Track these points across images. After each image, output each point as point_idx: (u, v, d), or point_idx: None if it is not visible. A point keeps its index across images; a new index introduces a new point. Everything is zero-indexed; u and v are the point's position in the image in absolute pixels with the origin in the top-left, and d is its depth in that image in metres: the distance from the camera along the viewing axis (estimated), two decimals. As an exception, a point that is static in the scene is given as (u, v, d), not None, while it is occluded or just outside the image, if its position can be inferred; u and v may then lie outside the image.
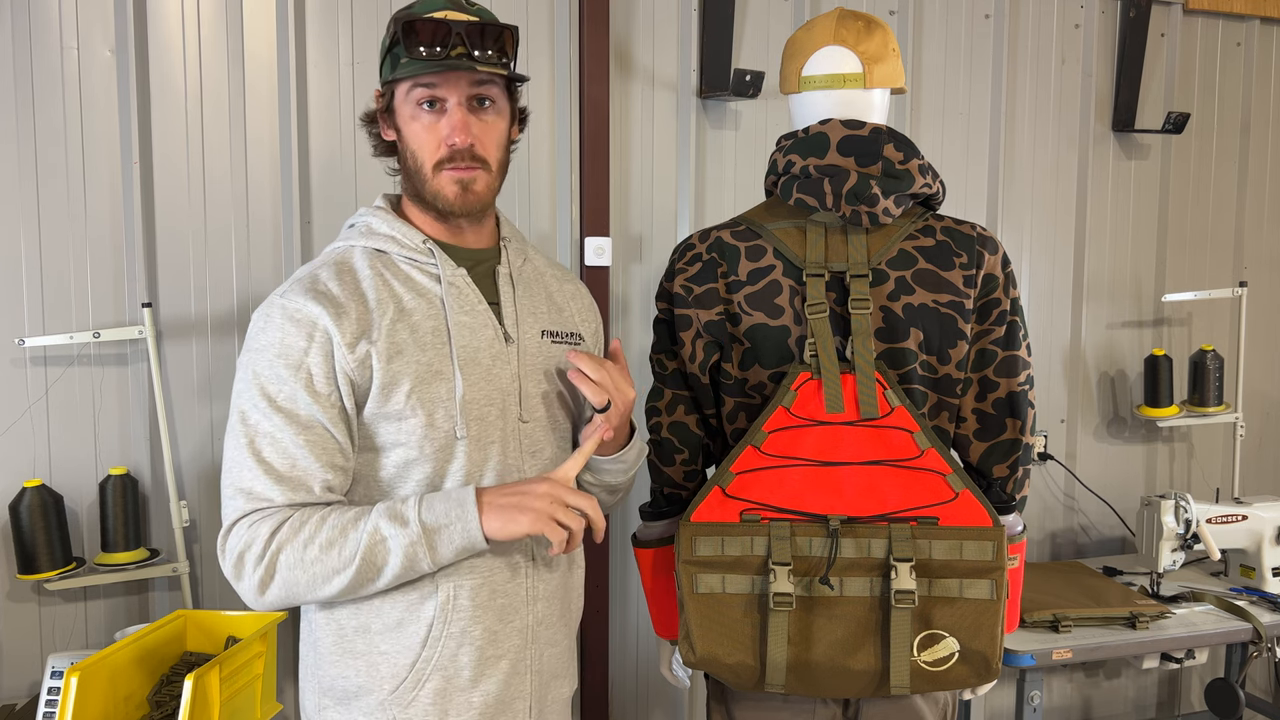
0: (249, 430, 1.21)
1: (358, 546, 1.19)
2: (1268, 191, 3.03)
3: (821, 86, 1.49)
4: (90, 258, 2.03)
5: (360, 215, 1.35)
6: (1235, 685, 2.35)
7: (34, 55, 1.97)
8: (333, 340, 1.21)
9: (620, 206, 2.38)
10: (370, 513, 1.21)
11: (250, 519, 1.21)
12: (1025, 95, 2.74)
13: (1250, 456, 3.06)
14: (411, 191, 1.31)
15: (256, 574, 1.20)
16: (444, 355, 1.26)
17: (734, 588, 1.40)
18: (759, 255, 1.48)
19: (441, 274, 1.29)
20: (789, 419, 1.40)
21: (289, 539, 1.19)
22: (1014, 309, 1.48)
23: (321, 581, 1.20)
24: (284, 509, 1.21)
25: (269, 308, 1.24)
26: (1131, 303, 2.91)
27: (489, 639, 1.29)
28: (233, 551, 1.21)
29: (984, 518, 1.37)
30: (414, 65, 1.22)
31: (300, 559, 1.19)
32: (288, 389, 1.21)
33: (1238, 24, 2.94)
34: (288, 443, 1.20)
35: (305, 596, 1.21)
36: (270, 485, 1.20)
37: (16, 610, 2.02)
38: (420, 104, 1.25)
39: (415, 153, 1.27)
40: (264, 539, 1.19)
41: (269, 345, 1.22)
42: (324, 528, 1.19)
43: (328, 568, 1.19)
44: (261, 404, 1.21)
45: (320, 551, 1.19)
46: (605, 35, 2.27)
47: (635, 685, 2.51)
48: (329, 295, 1.24)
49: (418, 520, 1.19)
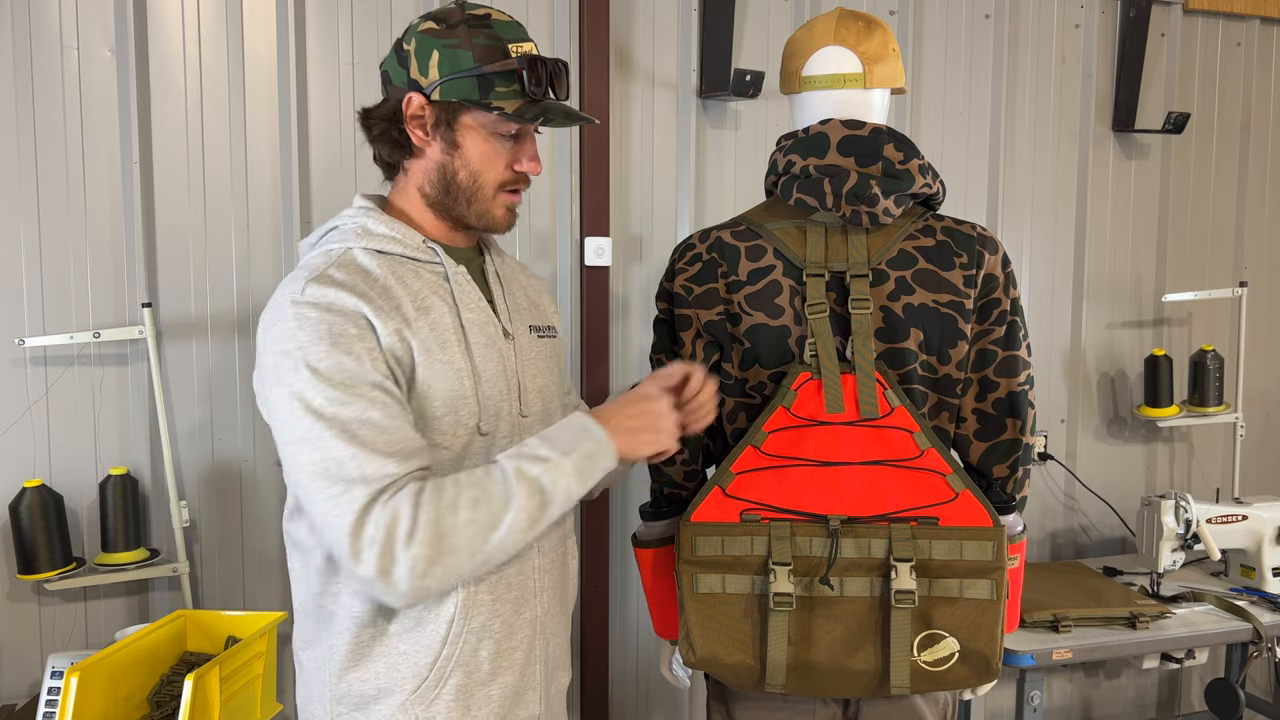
0: (330, 426, 1.12)
1: (506, 498, 1.14)
2: (1268, 191, 3.03)
3: (822, 86, 1.49)
4: (90, 258, 2.03)
5: (349, 218, 1.30)
6: (1235, 685, 2.35)
7: (34, 55, 1.97)
8: (376, 330, 1.18)
9: (620, 206, 2.38)
10: (496, 467, 1.17)
11: (380, 500, 1.11)
12: (1025, 95, 2.74)
13: (1250, 456, 3.06)
14: (437, 201, 1.30)
15: (411, 552, 1.10)
16: (463, 353, 1.26)
17: (734, 588, 1.40)
18: (759, 255, 1.48)
19: (448, 272, 1.29)
20: (789, 419, 1.40)
21: (434, 504, 1.12)
22: (1014, 309, 1.48)
23: (480, 543, 1.13)
24: (411, 480, 1.13)
25: (295, 308, 1.17)
26: (1131, 303, 2.91)
27: (506, 632, 1.29)
28: (373, 542, 1.09)
29: (984, 518, 1.37)
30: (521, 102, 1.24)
31: (453, 524, 1.11)
32: (351, 372, 1.14)
33: (1238, 24, 2.94)
34: (378, 417, 1.14)
35: (464, 567, 1.14)
36: (386, 461, 1.12)
37: (16, 610, 2.02)
38: (507, 134, 1.27)
39: (479, 173, 1.27)
40: (408, 515, 1.10)
41: (315, 340, 1.15)
42: (461, 489, 1.14)
43: (481, 527, 1.13)
44: (335, 394, 1.13)
45: (470, 512, 1.13)
46: (605, 35, 2.27)
47: (635, 685, 2.51)
48: (359, 289, 1.19)
49: (558, 454, 1.18)
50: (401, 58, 1.27)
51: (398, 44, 1.29)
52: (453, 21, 1.25)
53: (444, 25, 1.25)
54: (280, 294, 1.21)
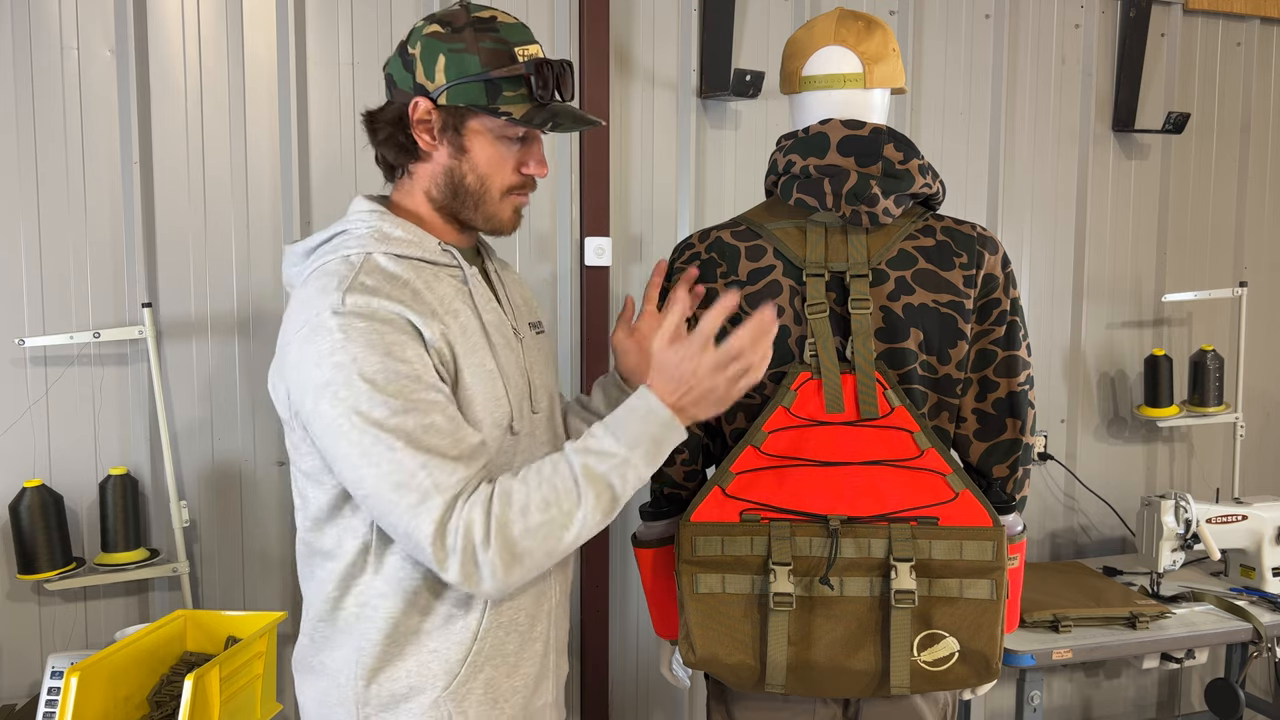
0: (397, 436, 1.13)
1: (577, 497, 1.17)
2: (1268, 191, 3.03)
3: (822, 86, 1.49)
4: (90, 258, 2.03)
5: (360, 221, 1.27)
6: (1235, 685, 2.35)
7: (34, 55, 1.97)
8: (422, 334, 1.19)
9: (620, 206, 2.38)
10: (567, 456, 1.19)
11: (456, 509, 1.14)
12: (1025, 95, 2.74)
13: (1250, 456, 3.06)
14: (444, 204, 1.29)
15: (490, 557, 1.14)
16: (489, 355, 1.27)
17: (734, 588, 1.40)
18: (759, 255, 1.48)
19: (466, 275, 1.29)
20: (789, 419, 1.40)
21: (505, 510, 1.15)
22: (1014, 309, 1.48)
23: (555, 541, 1.17)
24: (483, 482, 1.17)
25: (340, 319, 1.15)
26: (1131, 303, 2.91)
27: (529, 623, 1.32)
28: (454, 550, 1.13)
29: (984, 518, 1.37)
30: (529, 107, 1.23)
31: (526, 528, 1.15)
32: (407, 380, 1.15)
33: (1238, 24, 2.94)
34: (439, 421, 1.15)
35: (543, 564, 1.18)
36: (455, 467, 1.15)
37: (16, 610, 2.02)
38: (515, 138, 1.26)
39: (486, 176, 1.27)
40: (481, 521, 1.14)
41: (366, 351, 1.14)
42: (531, 491, 1.16)
43: (555, 527, 1.16)
44: (395, 404, 1.13)
45: (541, 514, 1.16)
46: (605, 35, 2.27)
47: (635, 685, 2.51)
48: (397, 296, 1.19)
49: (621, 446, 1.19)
50: (407, 61, 1.25)
51: (402, 47, 1.27)
52: (458, 25, 1.24)
53: (449, 29, 1.24)
54: (313, 303, 1.18)
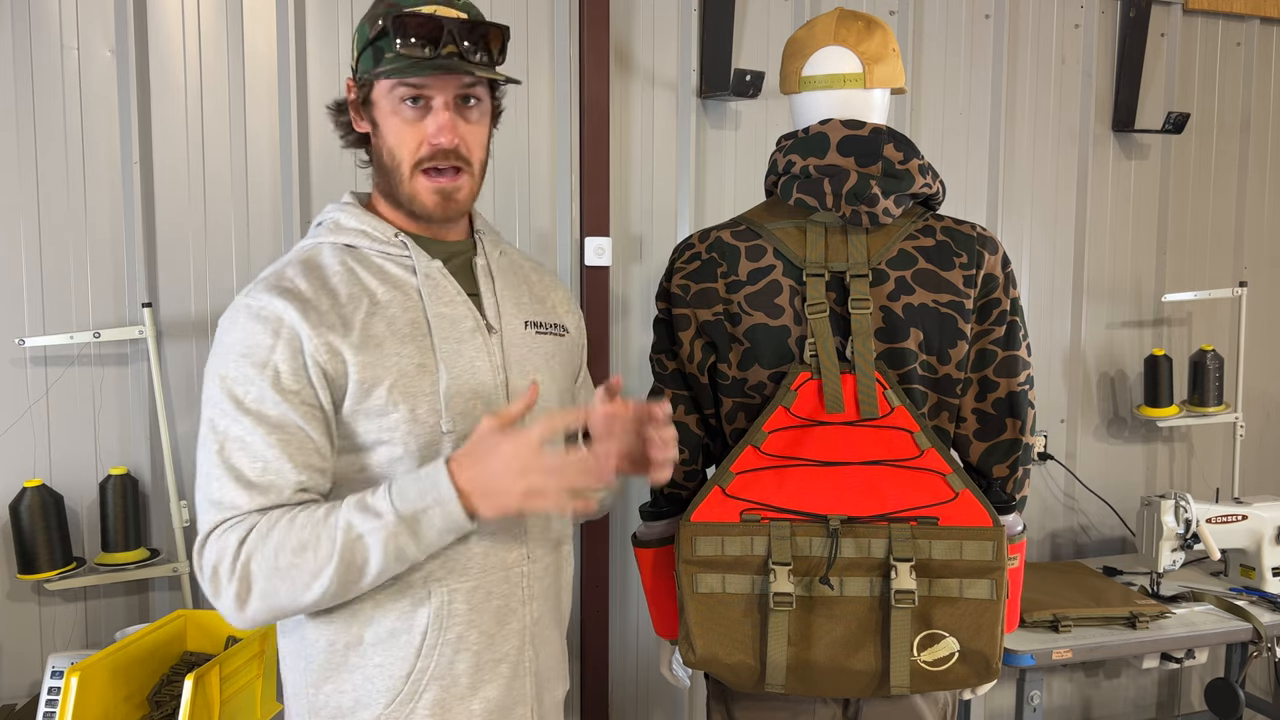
0: (218, 437, 1.15)
1: (333, 546, 1.11)
2: (1268, 191, 3.03)
3: (822, 86, 1.50)
4: (90, 258, 2.03)
5: (327, 212, 1.31)
6: (1235, 685, 2.35)
7: (34, 55, 1.97)
8: (301, 335, 1.16)
9: (620, 206, 2.38)
10: (340, 508, 1.13)
11: (220, 530, 1.14)
12: (1025, 95, 2.74)
13: (1250, 456, 3.06)
14: (385, 189, 1.28)
15: (231, 588, 1.13)
16: (425, 348, 1.22)
17: (734, 588, 1.40)
18: (759, 255, 1.48)
19: (417, 266, 1.25)
20: (789, 419, 1.40)
21: (258, 546, 1.12)
22: (1014, 309, 1.48)
23: (301, 589, 1.12)
24: (251, 515, 1.14)
25: (234, 310, 1.20)
26: (1131, 303, 2.91)
27: (486, 643, 1.25)
28: (207, 567, 1.14)
29: (984, 518, 1.37)
30: (402, 62, 1.18)
31: (274, 566, 1.12)
32: (255, 389, 1.15)
33: (1238, 24, 2.94)
34: (259, 445, 1.14)
35: (288, 607, 1.14)
36: (239, 492, 1.14)
37: (16, 610, 2.02)
38: (404, 100, 1.21)
39: (394, 150, 1.23)
40: (233, 549, 1.13)
41: (233, 345, 1.17)
42: (294, 530, 1.12)
43: (305, 573, 1.12)
44: (229, 407, 1.15)
45: (293, 556, 1.12)
46: (605, 35, 2.27)
47: (635, 685, 2.51)
48: (294, 291, 1.19)
49: (392, 509, 1.12)
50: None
51: None
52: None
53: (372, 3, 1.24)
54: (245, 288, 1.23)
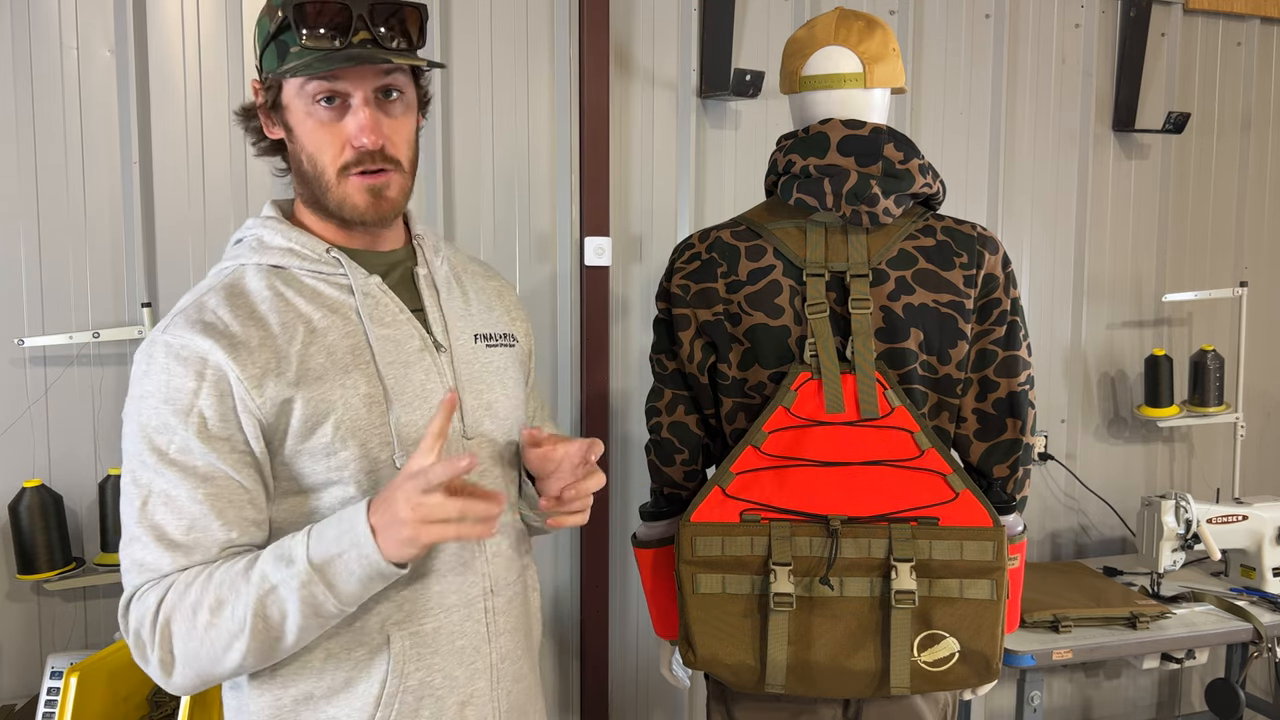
0: (140, 492, 1.05)
1: (249, 602, 1.00)
2: (1268, 191, 3.03)
3: (822, 86, 1.49)
4: (90, 258, 2.03)
5: (248, 228, 1.17)
6: (1235, 685, 2.35)
7: (34, 55, 1.97)
8: (229, 377, 1.05)
9: (620, 206, 2.38)
10: (260, 557, 1.03)
11: (140, 592, 1.05)
12: (1025, 95, 2.74)
13: (1250, 456, 3.06)
14: (309, 198, 1.14)
15: (155, 655, 1.03)
16: (370, 375, 1.11)
17: (734, 588, 1.40)
18: (759, 255, 1.48)
19: (354, 284, 1.13)
20: (789, 419, 1.40)
21: (175, 605, 1.02)
22: (1014, 309, 1.48)
23: (222, 651, 1.01)
24: (171, 574, 1.04)
25: (151, 347, 1.07)
26: (1131, 303, 2.91)
27: (450, 687, 1.15)
28: (130, 634, 1.05)
29: (984, 518, 1.37)
30: (308, 56, 1.05)
31: (191, 628, 1.01)
32: (179, 438, 1.04)
33: (1238, 24, 2.94)
34: (184, 500, 1.04)
35: (214, 672, 1.03)
36: (160, 553, 1.04)
37: (16, 610, 2.02)
38: (317, 100, 1.08)
39: (313, 156, 1.10)
40: (152, 611, 1.03)
41: (153, 391, 1.05)
42: (211, 585, 1.01)
43: (223, 633, 1.00)
44: (150, 459, 1.04)
45: (210, 615, 1.00)
46: (605, 35, 2.27)
47: (635, 685, 2.51)
48: (218, 326, 1.07)
49: (305, 556, 1.00)
50: None
51: None
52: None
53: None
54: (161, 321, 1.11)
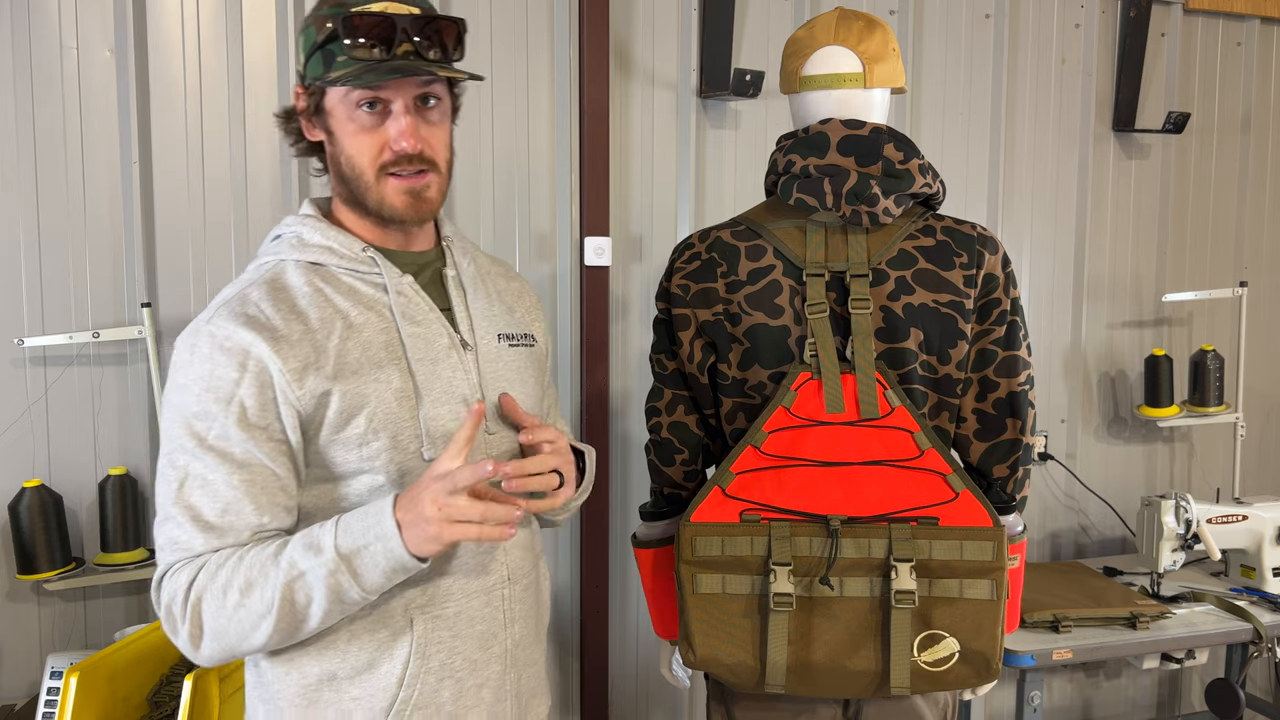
0: (178, 474, 1.11)
1: (277, 586, 1.07)
2: (1268, 191, 3.03)
3: (821, 86, 1.49)
4: (90, 258, 2.03)
5: (288, 225, 1.23)
6: (1235, 685, 2.35)
7: (34, 55, 1.97)
8: (270, 369, 1.11)
9: (620, 206, 2.38)
10: (290, 543, 1.09)
11: (173, 570, 1.11)
12: (1025, 95, 2.74)
13: (1250, 456, 3.06)
14: (348, 197, 1.21)
15: (185, 629, 1.09)
16: (402, 371, 1.17)
17: (734, 588, 1.40)
18: (759, 255, 1.48)
19: (388, 283, 1.20)
20: (789, 419, 1.40)
21: (207, 585, 1.08)
22: (1014, 309, 1.48)
23: (249, 630, 1.08)
24: (204, 554, 1.10)
25: (194, 336, 1.13)
26: (1132, 303, 2.91)
27: (470, 669, 1.21)
28: (162, 608, 1.11)
29: (984, 518, 1.37)
30: (356, 66, 1.12)
31: (221, 607, 1.08)
32: (219, 425, 1.10)
33: (1238, 24, 2.94)
34: (221, 484, 1.10)
35: (240, 648, 1.10)
36: (195, 534, 1.10)
37: (16, 610, 2.02)
38: (359, 106, 1.14)
39: (353, 158, 1.17)
40: (184, 589, 1.09)
41: (196, 379, 1.11)
42: (242, 568, 1.08)
43: (252, 614, 1.07)
44: (189, 444, 1.10)
45: (240, 596, 1.07)
46: (605, 35, 2.27)
47: (635, 685, 2.51)
48: (261, 320, 1.13)
49: (333, 546, 1.07)
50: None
51: None
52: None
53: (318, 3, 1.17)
54: (207, 309, 1.17)
